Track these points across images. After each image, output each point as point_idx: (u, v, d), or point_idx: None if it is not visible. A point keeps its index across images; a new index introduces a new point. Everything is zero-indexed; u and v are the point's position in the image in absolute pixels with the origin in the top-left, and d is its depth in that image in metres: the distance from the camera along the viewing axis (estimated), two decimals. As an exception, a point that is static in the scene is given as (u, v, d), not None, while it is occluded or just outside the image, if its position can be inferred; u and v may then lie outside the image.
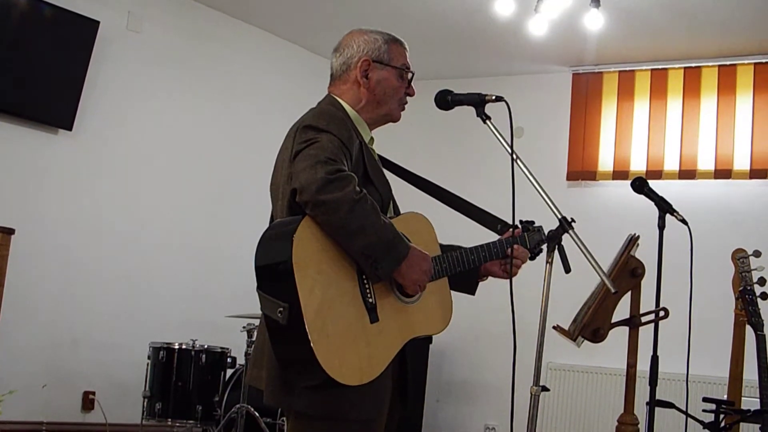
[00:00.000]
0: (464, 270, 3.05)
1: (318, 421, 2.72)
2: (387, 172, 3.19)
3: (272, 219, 2.90)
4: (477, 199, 3.33)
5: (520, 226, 3.22)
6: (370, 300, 2.72)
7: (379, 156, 3.15)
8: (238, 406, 6.00)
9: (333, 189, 2.58)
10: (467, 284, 3.24)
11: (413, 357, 2.98)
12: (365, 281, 2.72)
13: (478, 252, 3.09)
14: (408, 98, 3.14)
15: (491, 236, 3.25)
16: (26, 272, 6.45)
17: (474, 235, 3.36)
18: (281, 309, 2.57)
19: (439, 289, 2.98)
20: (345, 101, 3.03)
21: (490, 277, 3.28)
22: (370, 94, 3.02)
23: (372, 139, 3.08)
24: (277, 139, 3.02)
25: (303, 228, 2.62)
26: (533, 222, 3.30)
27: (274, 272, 2.66)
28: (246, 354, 6.20)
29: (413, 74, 3.12)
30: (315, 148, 2.68)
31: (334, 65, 3.10)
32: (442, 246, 3.10)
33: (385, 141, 5.65)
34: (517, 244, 3.17)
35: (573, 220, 3.10)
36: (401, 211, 3.07)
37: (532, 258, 3.27)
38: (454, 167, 8.47)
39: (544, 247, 3.22)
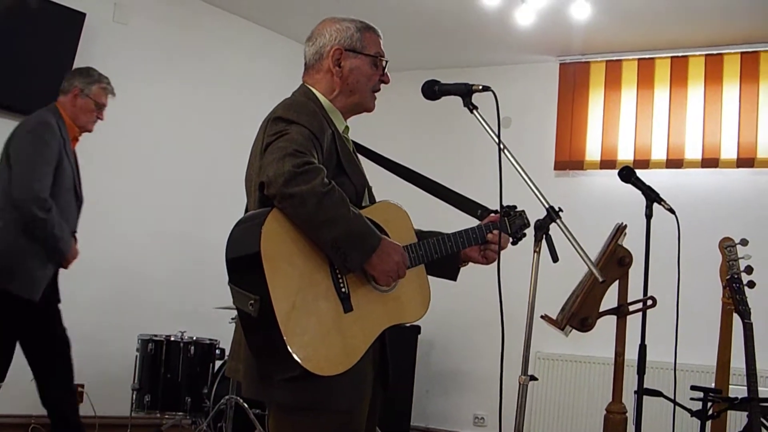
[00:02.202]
0: (442, 257, 3.04)
1: (298, 412, 2.72)
2: (365, 160, 3.18)
3: (246, 212, 2.90)
4: (464, 189, 3.33)
5: (501, 211, 3.22)
6: (344, 290, 2.71)
7: (356, 143, 3.14)
8: (227, 397, 6.00)
9: (300, 182, 2.57)
10: (448, 270, 3.24)
11: (395, 345, 2.99)
12: (338, 271, 2.71)
13: (455, 238, 3.08)
14: (386, 87, 3.13)
15: (472, 222, 3.24)
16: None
17: (454, 222, 3.36)
18: (252, 302, 2.57)
19: (416, 276, 2.97)
20: (318, 90, 3.02)
21: (477, 267, 3.28)
22: (343, 82, 3.01)
23: (347, 128, 3.06)
24: (264, 130, 3.01)
25: (271, 220, 2.61)
26: (515, 207, 3.29)
27: (243, 265, 2.66)
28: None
29: (387, 62, 3.11)
30: (284, 141, 2.67)
31: (307, 54, 3.08)
32: (421, 232, 3.09)
33: (372, 131, 5.66)
34: (497, 229, 3.16)
35: (560, 210, 3.09)
36: (378, 199, 3.06)
37: (515, 243, 3.28)
38: (442, 157, 8.47)
39: (531, 234, 3.22)
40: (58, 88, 5.30)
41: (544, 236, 3.12)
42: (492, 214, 3.22)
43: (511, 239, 3.26)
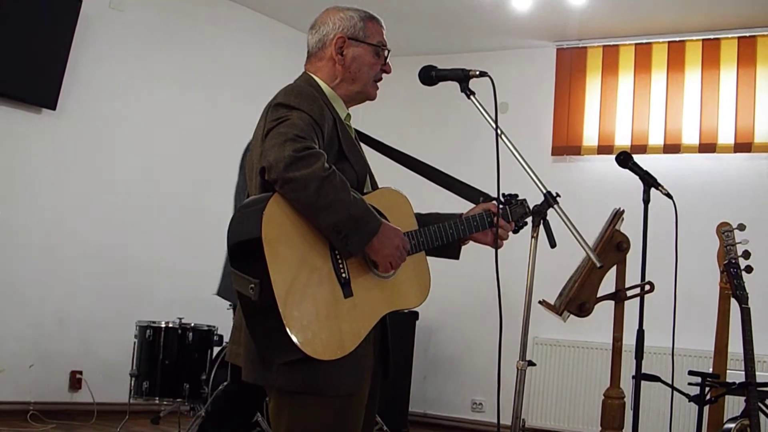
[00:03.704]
0: (442, 245, 3.05)
1: (298, 396, 2.73)
2: (366, 148, 3.18)
3: (248, 197, 2.90)
4: (462, 175, 3.32)
5: (503, 199, 3.22)
6: (344, 275, 2.72)
7: (357, 131, 3.14)
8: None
9: (301, 166, 2.58)
10: (450, 250, 3.23)
11: (393, 331, 2.99)
12: (338, 257, 2.72)
13: (457, 226, 3.08)
14: (385, 75, 3.12)
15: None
16: (10, 252, 6.43)
17: (455, 209, 3.37)
18: (252, 285, 2.57)
19: (416, 263, 2.97)
20: (320, 78, 3.02)
21: (476, 254, 3.28)
22: (345, 70, 3.01)
23: (349, 115, 3.06)
24: (262, 118, 3.01)
25: (272, 205, 2.62)
26: (517, 195, 3.29)
27: (244, 249, 2.66)
28: (233, 332, 6.20)
29: (389, 51, 3.11)
30: (285, 126, 2.68)
31: (310, 42, 3.09)
32: (421, 215, 3.10)
33: (371, 117, 5.67)
34: (497, 217, 3.16)
35: (558, 195, 3.10)
36: (380, 187, 3.06)
37: (516, 231, 3.27)
38: (439, 143, 8.46)
39: (529, 220, 3.22)
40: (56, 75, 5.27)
41: (541, 222, 3.13)
42: (492, 202, 3.22)
43: (513, 227, 3.26)
